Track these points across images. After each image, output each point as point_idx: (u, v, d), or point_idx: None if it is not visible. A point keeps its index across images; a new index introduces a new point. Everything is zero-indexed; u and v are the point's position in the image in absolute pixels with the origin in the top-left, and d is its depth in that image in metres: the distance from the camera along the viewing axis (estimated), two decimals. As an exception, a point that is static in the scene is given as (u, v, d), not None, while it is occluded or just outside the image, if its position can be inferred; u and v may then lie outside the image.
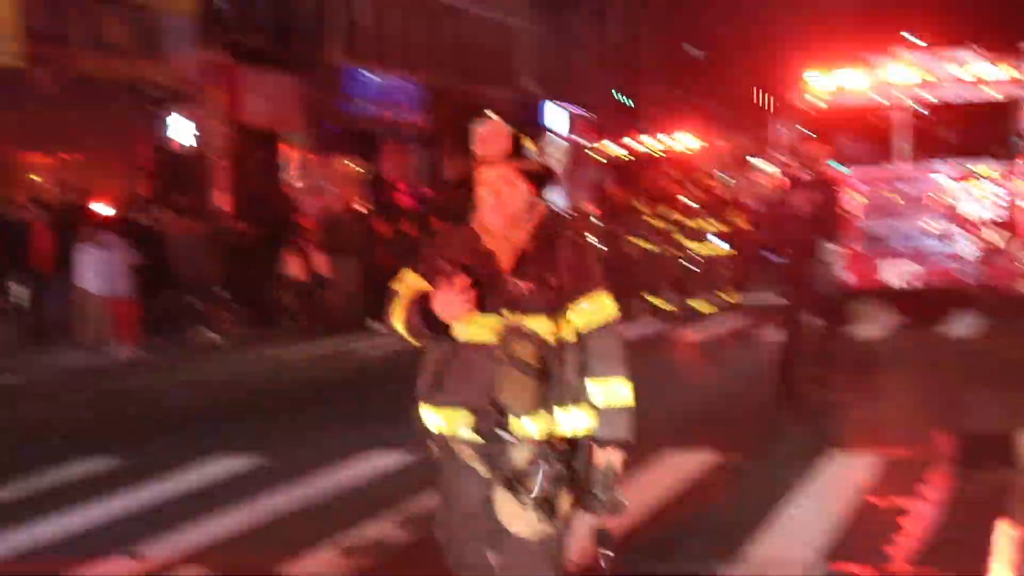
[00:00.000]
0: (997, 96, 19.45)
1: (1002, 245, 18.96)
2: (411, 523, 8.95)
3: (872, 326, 20.09)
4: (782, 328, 13.79)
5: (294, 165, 33.25)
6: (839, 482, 9.90)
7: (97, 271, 20.44)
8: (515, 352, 4.92)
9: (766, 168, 22.50)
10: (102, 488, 10.53)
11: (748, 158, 40.74)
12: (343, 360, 19.36)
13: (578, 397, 5.02)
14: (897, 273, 19.22)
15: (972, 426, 11.81)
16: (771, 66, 64.36)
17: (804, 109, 20.17)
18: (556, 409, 4.98)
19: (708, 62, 62.41)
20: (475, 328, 5.01)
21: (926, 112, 19.60)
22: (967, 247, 19.02)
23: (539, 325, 4.97)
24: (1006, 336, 18.15)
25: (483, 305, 4.97)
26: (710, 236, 21.30)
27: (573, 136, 47.37)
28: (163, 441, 12.85)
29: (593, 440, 5.04)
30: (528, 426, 4.95)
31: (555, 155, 39.93)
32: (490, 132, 5.14)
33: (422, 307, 5.00)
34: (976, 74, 19.70)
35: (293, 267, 23.43)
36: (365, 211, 26.37)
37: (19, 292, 21.25)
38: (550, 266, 5.05)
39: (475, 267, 5.02)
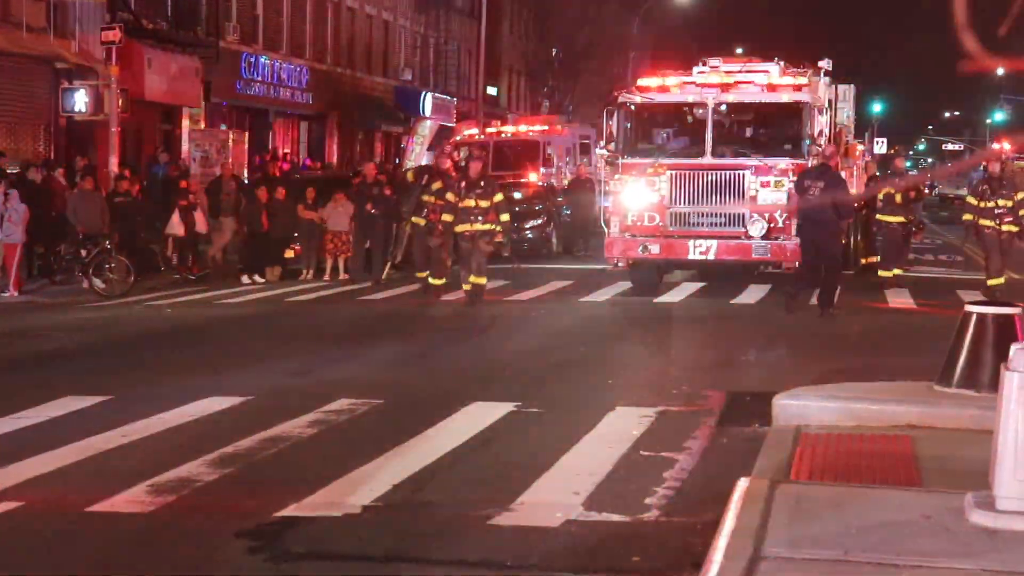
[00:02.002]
0: (788, 100, 19.34)
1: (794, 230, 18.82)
2: (220, 462, 8.43)
3: (673, 292, 19.96)
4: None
5: (187, 135, 32.29)
6: (616, 433, 9.51)
7: (-8, 222, 19.60)
8: None
9: (601, 154, 21.93)
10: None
11: (591, 145, 40.37)
12: (210, 310, 18.67)
13: None
14: (698, 249, 18.99)
15: (738, 385, 11.52)
16: (617, 69, 64.46)
17: (629, 105, 19.87)
18: None
19: (565, 61, 62.13)
20: None
21: (724, 109, 19.41)
22: (758, 229, 18.84)
23: None
24: (780, 305, 18.10)
25: None
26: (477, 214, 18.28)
27: (438, 119, 46.78)
28: (23, 380, 12.11)
29: None
30: None
31: (422, 135, 39.28)
32: None
33: None
34: (775, 82, 19.58)
35: (176, 224, 22.70)
36: (245, 178, 25.63)
37: None
38: None
39: None
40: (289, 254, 23.19)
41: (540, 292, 20.38)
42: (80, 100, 26.65)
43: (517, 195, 30.00)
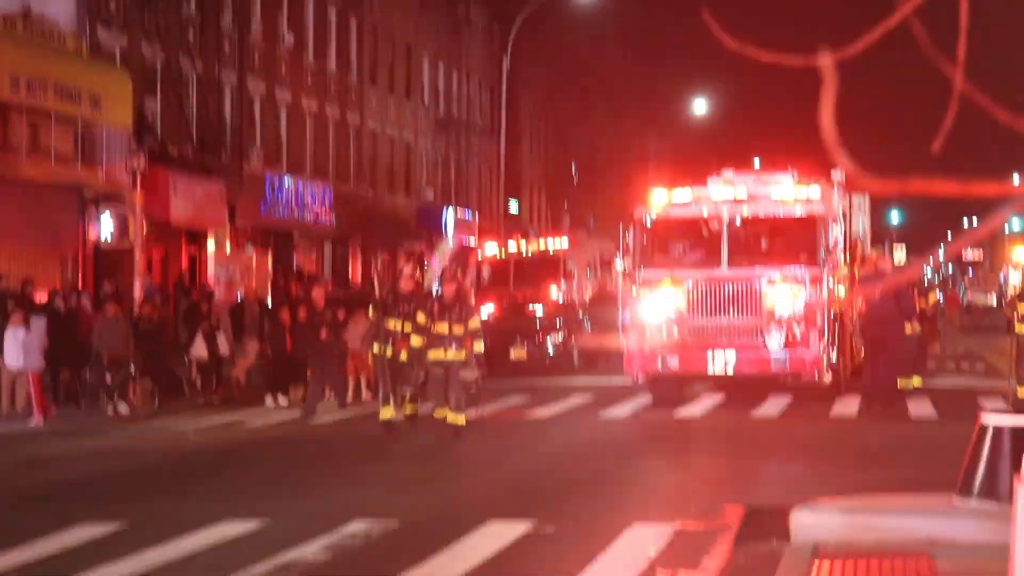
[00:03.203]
0: (803, 213, 19.38)
1: (812, 341, 18.77)
2: (232, 592, 8.31)
3: (693, 406, 19.81)
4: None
5: (212, 258, 32.55)
6: (632, 553, 9.33)
7: (16, 349, 19.65)
8: None
9: (619, 268, 21.81)
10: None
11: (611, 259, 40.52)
12: (233, 433, 18.60)
13: None
14: (717, 362, 18.90)
15: (758, 499, 11.34)
16: (635, 183, 64.85)
17: (643, 220, 19.93)
18: None
19: (584, 174, 62.72)
20: None
21: (739, 224, 19.44)
22: (776, 341, 18.76)
23: None
24: (800, 417, 17.96)
25: None
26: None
27: (460, 236, 47.12)
28: (40, 509, 12.02)
29: None
30: None
31: (443, 252, 39.47)
32: None
33: None
34: (788, 194, 19.64)
35: (200, 347, 22.75)
36: (268, 300, 25.73)
37: None
38: None
39: None
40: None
41: (560, 408, 20.25)
42: (106, 227, 26.93)
43: (538, 311, 30.12)
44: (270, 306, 25.89)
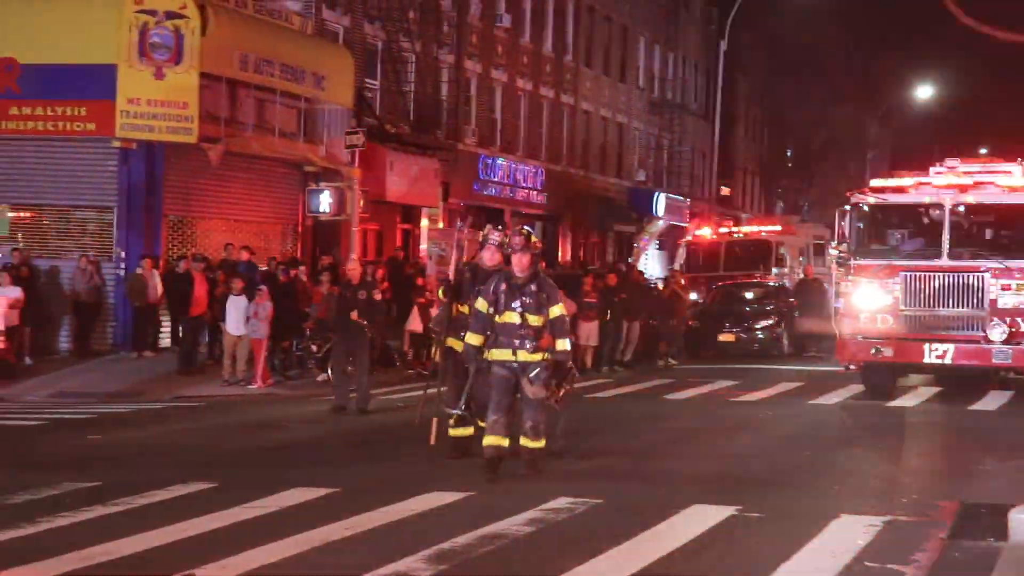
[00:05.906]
0: (1031, 202, 18.56)
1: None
2: (437, 558, 8.42)
3: (907, 397, 19.26)
4: None
5: (426, 234, 33.19)
6: (840, 543, 9.10)
7: (239, 317, 20.42)
8: None
9: (833, 254, 21.28)
10: (189, 511, 10.13)
11: (826, 245, 39.76)
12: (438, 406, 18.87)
13: None
14: (934, 353, 18.29)
15: (974, 495, 10.93)
16: (854, 167, 63.30)
17: (861, 205, 19.41)
18: None
19: (799, 161, 61.58)
20: None
21: (962, 210, 18.75)
22: (999, 333, 18.03)
23: None
24: (1023, 412, 17.25)
25: None
26: None
27: (670, 219, 46.82)
28: (259, 470, 12.47)
29: None
30: None
31: (651, 232, 39.36)
32: None
33: None
34: (1017, 183, 18.84)
35: (414, 321, 23.21)
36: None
37: None
38: None
39: None
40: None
41: (768, 393, 19.95)
42: (324, 201, 27.72)
43: (748, 295, 29.74)
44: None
